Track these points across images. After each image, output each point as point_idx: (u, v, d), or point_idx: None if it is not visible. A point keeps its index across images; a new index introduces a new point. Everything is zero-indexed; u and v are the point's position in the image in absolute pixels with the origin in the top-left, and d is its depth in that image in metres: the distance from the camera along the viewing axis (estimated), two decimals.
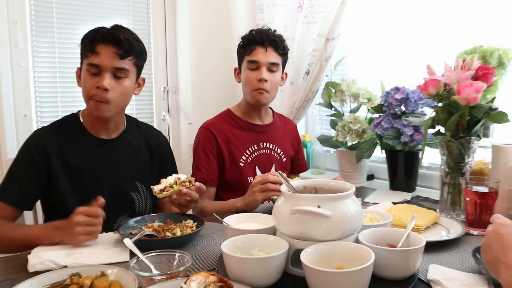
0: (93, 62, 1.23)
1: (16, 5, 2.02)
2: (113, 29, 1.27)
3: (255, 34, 1.61)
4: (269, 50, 1.59)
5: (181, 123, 2.58)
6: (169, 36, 2.51)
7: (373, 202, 1.52)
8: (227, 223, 1.02)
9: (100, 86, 1.23)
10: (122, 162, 1.38)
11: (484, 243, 0.78)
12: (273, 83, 1.62)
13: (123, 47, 1.25)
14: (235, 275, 0.81)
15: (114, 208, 1.30)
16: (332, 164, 2.28)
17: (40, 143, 1.28)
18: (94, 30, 1.27)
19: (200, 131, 1.68)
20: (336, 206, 0.83)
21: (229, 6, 2.48)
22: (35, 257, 0.97)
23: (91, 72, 1.24)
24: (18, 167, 1.26)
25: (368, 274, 0.75)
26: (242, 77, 1.66)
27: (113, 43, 1.24)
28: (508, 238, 0.73)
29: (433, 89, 1.29)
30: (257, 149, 1.69)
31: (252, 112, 1.70)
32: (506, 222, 0.77)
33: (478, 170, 1.39)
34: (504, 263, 0.70)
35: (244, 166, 1.65)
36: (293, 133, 1.86)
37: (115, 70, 1.25)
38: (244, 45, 1.62)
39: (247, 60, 1.61)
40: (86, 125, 1.34)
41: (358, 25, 2.12)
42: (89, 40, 1.24)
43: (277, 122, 1.79)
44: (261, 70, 1.59)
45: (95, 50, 1.23)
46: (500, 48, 1.37)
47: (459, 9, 1.73)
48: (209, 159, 1.61)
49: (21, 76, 2.07)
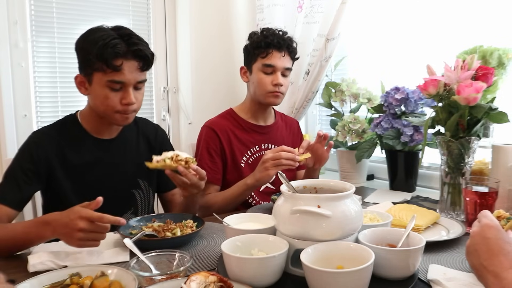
0: (116, 79, 1.20)
1: (16, 5, 2.02)
2: (131, 42, 1.21)
3: (272, 37, 1.58)
4: (285, 55, 1.61)
5: (181, 123, 2.57)
6: (169, 36, 2.51)
7: (373, 202, 1.52)
8: (227, 223, 1.02)
9: (129, 103, 1.23)
10: (123, 160, 1.38)
11: (468, 245, 0.73)
12: (286, 87, 1.64)
13: (146, 62, 1.24)
14: (235, 275, 0.81)
15: (117, 207, 1.29)
16: (332, 164, 2.28)
17: (39, 145, 1.26)
18: (106, 44, 1.17)
19: (203, 130, 1.67)
20: (336, 206, 0.83)
21: (229, 6, 2.48)
22: (35, 257, 0.96)
23: (113, 88, 1.22)
24: (17, 169, 1.23)
25: (368, 274, 0.75)
26: (254, 79, 1.63)
27: (136, 58, 1.22)
28: (494, 243, 0.69)
29: (433, 89, 1.29)
30: (259, 150, 1.69)
31: (257, 112, 1.70)
32: (493, 224, 0.73)
33: (478, 170, 1.39)
34: (491, 271, 0.66)
35: (244, 167, 1.65)
36: (295, 132, 1.86)
37: (136, 83, 1.25)
38: (260, 47, 1.60)
39: (263, 64, 1.59)
40: (85, 126, 1.33)
41: (358, 25, 2.12)
42: (108, 55, 1.17)
43: (279, 122, 1.79)
44: (276, 75, 1.59)
45: (117, 67, 1.19)
46: (500, 48, 1.37)
47: (459, 9, 1.73)
48: (213, 158, 1.61)
49: (21, 76, 2.07)
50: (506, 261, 0.66)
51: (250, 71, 1.66)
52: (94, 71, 1.21)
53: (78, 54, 1.25)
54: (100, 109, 1.26)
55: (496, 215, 0.89)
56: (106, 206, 1.02)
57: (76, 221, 0.95)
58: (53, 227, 1.00)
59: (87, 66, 1.22)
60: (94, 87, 1.23)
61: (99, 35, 1.19)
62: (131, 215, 1.38)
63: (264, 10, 2.22)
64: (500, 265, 0.65)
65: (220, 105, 2.46)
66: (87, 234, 0.96)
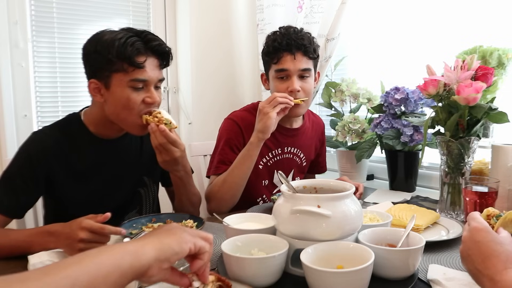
0: (140, 77, 1.15)
1: (16, 5, 2.02)
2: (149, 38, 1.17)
3: (280, 40, 1.45)
4: (298, 57, 1.44)
5: (181, 123, 2.57)
6: (169, 36, 2.51)
7: (373, 202, 1.52)
8: (227, 223, 1.02)
9: (154, 101, 1.19)
10: (129, 159, 1.34)
11: (462, 250, 0.73)
12: (307, 91, 1.47)
13: (166, 58, 1.21)
14: (235, 275, 0.81)
15: (122, 206, 1.26)
16: (332, 164, 2.28)
17: (40, 148, 1.19)
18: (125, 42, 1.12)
19: (226, 123, 1.57)
20: (336, 206, 0.83)
21: (229, 6, 2.49)
22: (36, 256, 0.96)
23: (136, 87, 1.16)
24: (15, 174, 1.17)
25: (368, 274, 0.75)
26: (271, 87, 1.53)
27: (155, 55, 1.18)
28: (485, 246, 0.69)
29: (433, 89, 1.29)
30: (281, 153, 1.60)
31: (283, 118, 1.49)
32: (481, 226, 0.72)
33: (478, 170, 1.39)
34: (486, 275, 0.66)
35: (262, 168, 1.57)
36: (319, 135, 1.76)
37: (157, 81, 1.21)
38: (270, 53, 1.47)
39: (275, 69, 1.47)
40: (90, 127, 1.27)
41: (358, 25, 2.12)
42: (131, 53, 1.12)
43: (306, 124, 1.67)
44: (292, 80, 1.44)
45: (141, 64, 1.14)
46: (500, 48, 1.37)
47: (459, 9, 1.73)
48: (235, 152, 1.49)
49: (21, 76, 2.07)
50: (499, 263, 0.65)
51: (268, 79, 1.56)
52: (113, 73, 1.14)
53: (89, 59, 1.18)
54: (121, 115, 1.19)
55: (485, 214, 0.88)
56: (111, 207, 1.01)
57: (77, 231, 0.95)
58: (56, 237, 0.99)
59: (104, 69, 1.15)
60: (113, 90, 1.16)
61: (113, 35, 1.14)
62: (135, 214, 1.37)
63: (264, 10, 2.22)
64: (493, 267, 0.65)
65: (220, 105, 2.47)
66: (87, 245, 0.95)
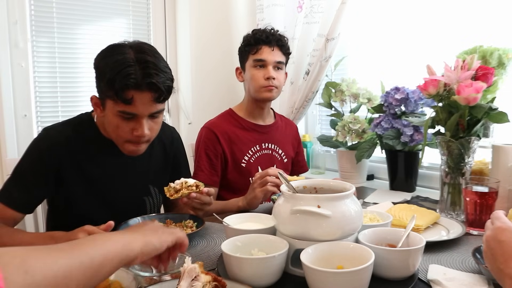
0: (127, 111, 1.10)
1: (16, 5, 2.02)
2: (146, 73, 1.07)
3: (260, 33, 1.62)
4: (275, 49, 1.62)
5: (181, 123, 2.57)
6: (169, 36, 2.51)
7: (373, 202, 1.52)
8: (227, 223, 1.02)
9: (141, 135, 1.14)
10: (136, 166, 1.32)
11: (485, 250, 0.74)
12: (280, 81, 1.65)
13: (161, 93, 1.11)
14: (235, 275, 0.81)
15: (126, 213, 1.25)
16: (332, 164, 2.28)
17: (51, 144, 1.20)
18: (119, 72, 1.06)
19: (202, 131, 1.68)
20: (336, 206, 0.83)
21: (229, 6, 2.48)
22: None
23: (125, 117, 1.12)
24: (27, 170, 1.18)
25: (368, 274, 0.75)
26: (247, 76, 1.66)
27: (151, 90, 1.09)
28: (508, 246, 0.69)
29: (433, 89, 1.29)
30: (259, 149, 1.70)
31: (255, 111, 1.71)
32: (506, 226, 0.73)
33: (478, 170, 1.39)
34: (507, 274, 0.66)
35: (246, 166, 1.66)
36: (294, 134, 1.86)
37: (152, 114, 1.15)
38: (250, 44, 1.63)
39: (253, 59, 1.62)
40: (100, 129, 1.26)
41: (358, 25, 2.12)
42: (118, 86, 1.06)
43: (278, 122, 1.80)
44: (268, 69, 1.61)
45: (128, 100, 1.07)
46: (500, 48, 1.37)
47: (459, 9, 1.73)
48: (211, 160, 1.61)
49: (21, 76, 2.07)
50: None
51: (244, 70, 1.69)
52: (106, 98, 1.12)
53: (95, 72, 1.16)
54: (113, 136, 1.19)
55: (511, 214, 0.89)
56: (116, 215, 1.01)
57: (77, 234, 0.96)
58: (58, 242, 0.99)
59: (100, 92, 1.15)
60: (107, 112, 1.15)
61: (116, 59, 1.09)
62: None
63: (264, 10, 2.22)
64: None
65: (220, 105, 2.46)
66: None
